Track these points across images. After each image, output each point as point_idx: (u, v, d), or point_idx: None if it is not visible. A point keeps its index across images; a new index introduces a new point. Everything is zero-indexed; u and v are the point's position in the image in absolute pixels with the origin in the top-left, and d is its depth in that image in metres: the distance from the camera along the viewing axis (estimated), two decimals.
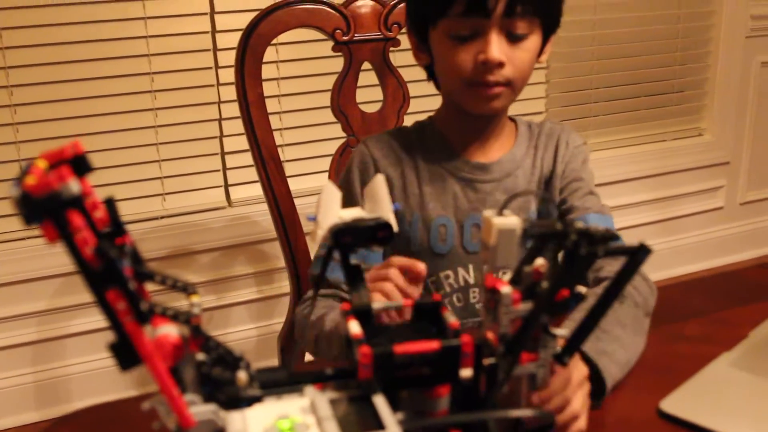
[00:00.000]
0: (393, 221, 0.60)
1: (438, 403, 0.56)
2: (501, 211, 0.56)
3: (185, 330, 0.52)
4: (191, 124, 2.08)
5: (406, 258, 0.86)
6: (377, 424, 0.49)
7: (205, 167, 2.13)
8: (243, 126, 1.32)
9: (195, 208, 2.14)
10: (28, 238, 1.94)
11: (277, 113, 2.11)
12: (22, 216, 0.43)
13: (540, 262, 0.56)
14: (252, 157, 1.34)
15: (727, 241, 2.97)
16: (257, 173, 1.34)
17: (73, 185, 0.48)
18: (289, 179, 1.36)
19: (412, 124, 1.19)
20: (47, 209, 0.47)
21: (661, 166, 2.76)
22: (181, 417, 0.49)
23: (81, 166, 0.51)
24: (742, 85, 2.85)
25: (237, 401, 0.51)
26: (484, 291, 0.57)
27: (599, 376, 0.81)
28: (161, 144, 2.06)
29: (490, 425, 0.58)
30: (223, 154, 2.14)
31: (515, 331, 0.56)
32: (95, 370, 2.05)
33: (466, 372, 0.54)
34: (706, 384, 0.86)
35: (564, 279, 0.54)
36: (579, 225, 0.54)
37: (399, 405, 0.55)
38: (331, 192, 0.63)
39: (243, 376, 0.52)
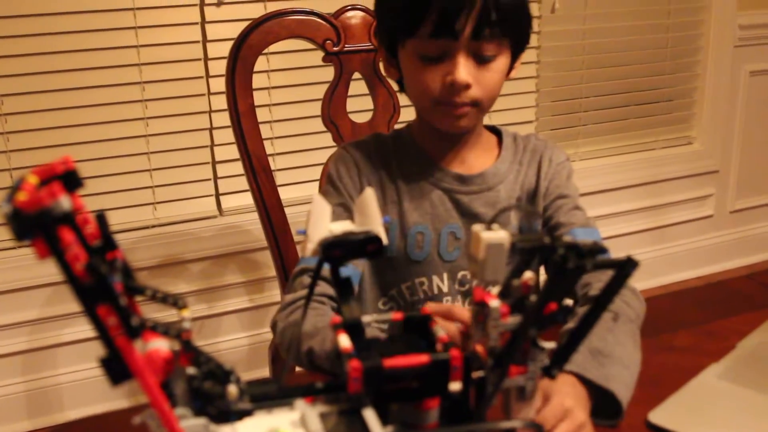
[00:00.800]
0: (383, 234, 0.61)
1: (427, 416, 0.56)
2: (489, 225, 0.56)
3: (176, 344, 0.52)
4: (182, 133, 2.08)
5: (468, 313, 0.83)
6: None
7: (196, 176, 2.13)
8: (233, 136, 1.32)
9: (186, 217, 2.14)
10: (19, 247, 1.93)
11: (268, 122, 2.12)
12: (14, 232, 0.44)
13: (528, 275, 0.56)
14: (242, 167, 1.34)
15: (717, 249, 2.98)
16: (248, 183, 1.35)
17: (64, 202, 0.48)
18: (279, 188, 1.36)
19: (390, 132, 1.19)
20: (38, 226, 0.47)
21: (651, 175, 2.78)
22: (172, 431, 0.50)
23: (72, 181, 0.51)
24: (731, 94, 2.87)
25: (227, 415, 0.51)
26: (472, 304, 0.58)
27: (612, 398, 0.81)
28: (152, 153, 2.06)
29: None
30: (214, 163, 2.14)
31: (504, 345, 0.56)
32: (86, 380, 2.04)
33: (455, 385, 0.55)
34: (694, 396, 0.86)
35: (552, 292, 0.55)
36: (567, 239, 0.54)
37: (389, 418, 0.55)
38: (320, 205, 0.64)
39: (233, 389, 0.52)
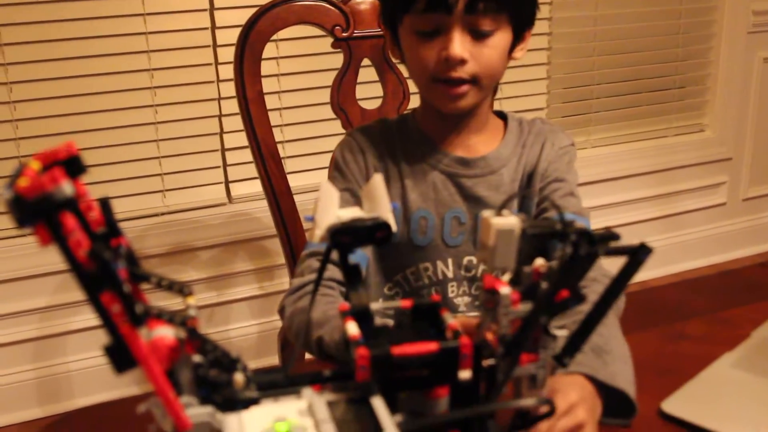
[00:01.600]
0: (392, 221, 0.60)
1: (437, 404, 0.56)
2: (499, 211, 0.55)
3: (181, 332, 0.51)
4: (191, 120, 2.08)
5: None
6: (375, 427, 0.49)
7: (205, 164, 2.12)
8: (242, 122, 1.31)
9: (195, 204, 2.13)
10: (29, 235, 1.93)
11: (278, 110, 2.11)
12: (15, 218, 0.43)
13: (539, 262, 0.55)
14: (251, 154, 1.33)
15: (730, 237, 2.96)
16: (257, 170, 1.34)
17: (66, 187, 0.47)
18: (289, 176, 1.36)
19: (396, 116, 1.18)
20: (40, 211, 0.46)
21: (663, 162, 2.75)
22: (177, 420, 0.49)
23: (75, 167, 0.50)
24: (744, 81, 2.84)
25: (234, 403, 0.51)
26: (482, 292, 0.57)
27: (619, 396, 0.80)
28: (161, 140, 2.06)
29: (490, 426, 0.57)
30: (223, 150, 2.13)
31: (515, 332, 0.55)
32: (96, 367, 2.05)
33: (465, 373, 0.54)
34: (707, 385, 0.85)
35: (564, 279, 0.54)
36: (579, 224, 0.53)
37: (398, 407, 0.55)
38: (328, 191, 0.63)
39: (240, 378, 0.51)
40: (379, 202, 0.61)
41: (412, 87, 1.39)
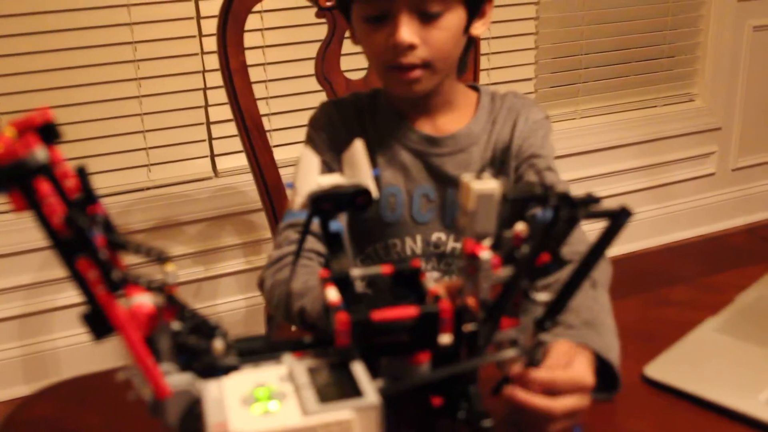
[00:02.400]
0: (372, 187, 0.59)
1: (418, 370, 0.56)
2: (479, 175, 0.55)
3: (160, 299, 0.51)
4: (176, 93, 2.05)
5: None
6: (356, 391, 0.49)
7: (190, 137, 2.11)
8: (226, 95, 1.30)
9: (181, 178, 2.12)
10: (11, 211, 1.92)
11: (263, 82, 2.09)
12: None
13: (520, 227, 0.55)
14: (236, 127, 1.32)
15: (719, 207, 2.97)
16: (241, 143, 1.33)
17: (40, 153, 0.46)
18: (275, 149, 1.35)
19: (369, 90, 1.16)
20: (14, 177, 0.46)
21: (652, 132, 2.75)
22: (156, 387, 0.49)
23: (50, 133, 0.49)
24: (734, 50, 2.83)
25: (213, 370, 0.51)
26: (463, 257, 0.56)
27: (611, 370, 0.79)
28: (145, 114, 2.04)
29: (471, 391, 0.57)
30: (208, 123, 2.11)
31: (496, 297, 0.55)
32: (83, 343, 2.04)
33: (445, 338, 0.54)
34: (690, 349, 0.86)
35: (544, 244, 0.53)
36: (560, 188, 0.53)
37: (379, 372, 0.55)
38: (309, 159, 0.62)
39: (219, 344, 0.51)
40: (360, 168, 0.61)
41: None
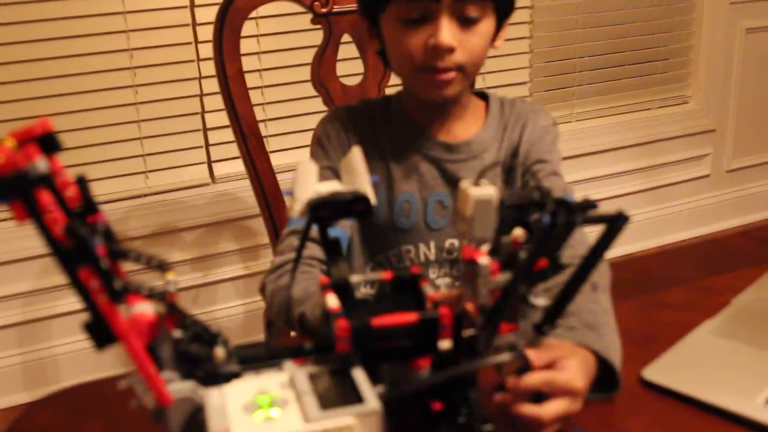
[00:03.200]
0: (371, 194, 0.60)
1: (419, 375, 0.56)
2: (477, 182, 0.55)
3: (161, 307, 0.51)
4: (172, 100, 2.06)
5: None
6: (357, 397, 0.49)
7: (187, 144, 2.11)
8: (222, 101, 1.31)
9: (178, 185, 2.12)
10: (11, 219, 1.92)
11: (259, 88, 2.10)
12: None
13: (518, 232, 0.56)
14: (233, 133, 1.32)
15: (714, 208, 2.98)
16: (238, 149, 1.33)
17: (41, 164, 0.47)
18: (271, 154, 1.35)
19: (380, 96, 1.16)
20: (15, 188, 0.46)
21: (647, 135, 2.76)
22: (158, 395, 0.49)
23: (50, 144, 0.49)
24: (727, 52, 2.85)
25: (215, 377, 0.51)
26: (462, 263, 0.57)
27: (611, 370, 0.79)
28: (142, 121, 2.04)
29: (471, 395, 0.58)
30: (205, 130, 2.12)
31: (494, 302, 0.56)
32: (82, 350, 2.04)
33: (445, 343, 0.54)
34: (688, 352, 0.86)
35: (542, 249, 0.54)
36: (557, 195, 0.54)
37: (380, 378, 0.55)
38: (306, 166, 0.63)
39: (220, 352, 0.52)
40: (358, 174, 0.61)
41: None
